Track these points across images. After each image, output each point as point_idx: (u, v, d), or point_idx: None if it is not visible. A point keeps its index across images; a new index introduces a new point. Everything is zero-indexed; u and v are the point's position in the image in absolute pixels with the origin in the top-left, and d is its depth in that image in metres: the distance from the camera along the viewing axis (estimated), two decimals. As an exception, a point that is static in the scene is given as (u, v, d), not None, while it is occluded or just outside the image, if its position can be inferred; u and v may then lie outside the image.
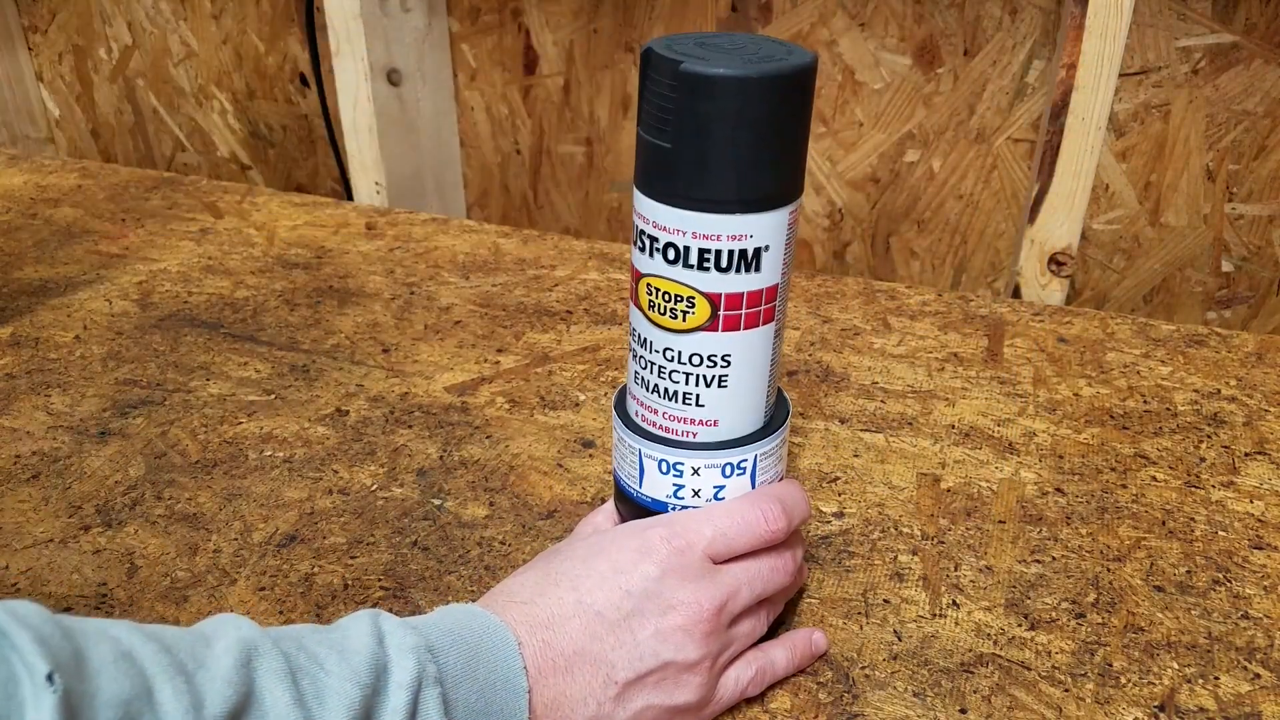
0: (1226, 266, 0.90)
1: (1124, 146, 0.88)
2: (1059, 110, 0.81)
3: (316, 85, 1.12)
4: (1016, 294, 0.89)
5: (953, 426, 0.65)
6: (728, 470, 0.45)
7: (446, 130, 1.12)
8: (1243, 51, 0.81)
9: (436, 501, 0.58)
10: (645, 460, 0.45)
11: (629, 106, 1.04)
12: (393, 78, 1.03)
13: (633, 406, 0.46)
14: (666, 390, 0.44)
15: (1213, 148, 0.85)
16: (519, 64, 1.07)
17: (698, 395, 0.43)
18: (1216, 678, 0.46)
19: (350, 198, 1.10)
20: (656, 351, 0.43)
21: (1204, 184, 0.87)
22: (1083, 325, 0.79)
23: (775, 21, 0.94)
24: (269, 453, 0.62)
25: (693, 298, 0.41)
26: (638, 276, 0.42)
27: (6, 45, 1.36)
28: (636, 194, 0.41)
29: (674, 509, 0.46)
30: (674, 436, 0.45)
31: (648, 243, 0.41)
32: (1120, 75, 0.83)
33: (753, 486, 0.46)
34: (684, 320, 0.42)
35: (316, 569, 0.53)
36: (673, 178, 0.39)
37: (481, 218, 1.19)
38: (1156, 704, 0.44)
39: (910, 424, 0.66)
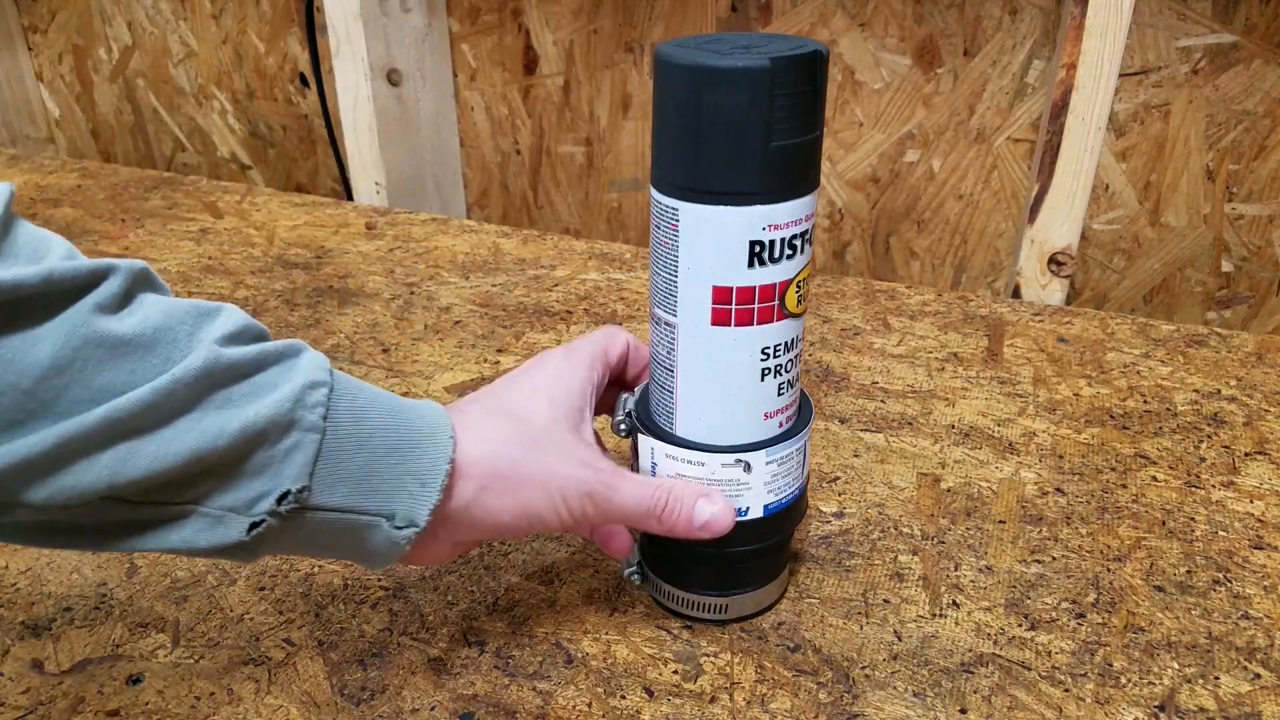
0: (1226, 266, 0.90)
1: (1124, 146, 0.88)
2: (1059, 110, 0.81)
3: (316, 85, 1.12)
4: (1016, 294, 0.89)
5: (953, 426, 0.65)
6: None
7: (446, 130, 1.12)
8: (1243, 51, 0.81)
9: (436, 501, 0.58)
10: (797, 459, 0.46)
11: (629, 107, 1.04)
12: (393, 78, 1.03)
13: (774, 419, 0.45)
14: (792, 382, 0.44)
15: (1213, 148, 0.85)
16: (519, 64, 1.07)
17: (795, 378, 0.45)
18: (1216, 678, 0.46)
19: (350, 198, 1.10)
20: (799, 347, 0.44)
21: (1204, 184, 0.87)
22: (1083, 325, 0.79)
23: (775, 21, 0.95)
24: (269, 453, 0.62)
25: (804, 280, 0.42)
26: (785, 285, 0.41)
27: (6, 45, 1.36)
28: (783, 205, 0.39)
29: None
30: (788, 427, 0.45)
31: (800, 243, 0.41)
32: (1120, 75, 0.83)
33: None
34: (799, 305, 0.42)
35: (316, 569, 0.53)
36: (812, 167, 0.40)
37: (481, 218, 1.19)
38: (1157, 704, 0.44)
39: (910, 424, 0.66)
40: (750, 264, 0.39)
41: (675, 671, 0.46)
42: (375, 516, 0.37)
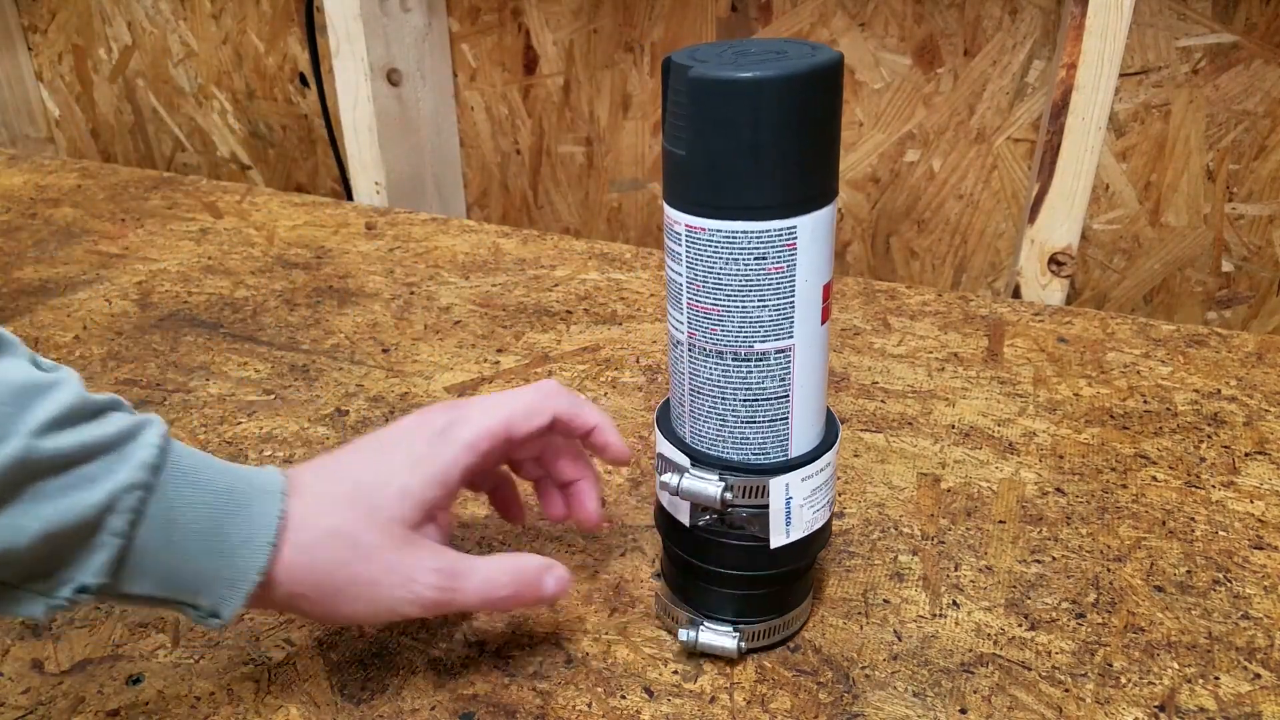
0: (1226, 266, 0.90)
1: (1124, 146, 0.88)
2: (1059, 110, 0.81)
3: (316, 85, 1.12)
4: (1016, 294, 0.89)
5: (953, 426, 0.65)
6: None
7: (446, 130, 1.12)
8: (1243, 51, 0.81)
9: (436, 501, 0.58)
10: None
11: (629, 106, 1.04)
12: (393, 78, 1.03)
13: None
14: None
15: (1213, 148, 0.85)
16: (519, 64, 1.07)
17: None
18: (1216, 678, 0.46)
19: (350, 197, 1.10)
20: None
21: (1204, 184, 0.87)
22: (1083, 325, 0.79)
23: (775, 21, 0.95)
24: (269, 453, 0.62)
25: None
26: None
27: (6, 45, 1.36)
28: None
29: None
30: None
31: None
32: (1120, 75, 0.83)
33: None
34: None
35: (316, 569, 0.53)
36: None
37: (481, 218, 1.19)
38: (1157, 704, 0.44)
39: (910, 424, 0.66)
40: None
41: (675, 671, 0.46)
42: (180, 605, 0.37)
